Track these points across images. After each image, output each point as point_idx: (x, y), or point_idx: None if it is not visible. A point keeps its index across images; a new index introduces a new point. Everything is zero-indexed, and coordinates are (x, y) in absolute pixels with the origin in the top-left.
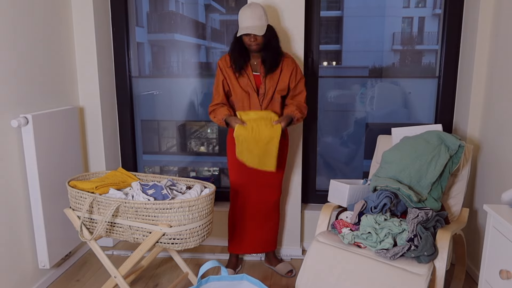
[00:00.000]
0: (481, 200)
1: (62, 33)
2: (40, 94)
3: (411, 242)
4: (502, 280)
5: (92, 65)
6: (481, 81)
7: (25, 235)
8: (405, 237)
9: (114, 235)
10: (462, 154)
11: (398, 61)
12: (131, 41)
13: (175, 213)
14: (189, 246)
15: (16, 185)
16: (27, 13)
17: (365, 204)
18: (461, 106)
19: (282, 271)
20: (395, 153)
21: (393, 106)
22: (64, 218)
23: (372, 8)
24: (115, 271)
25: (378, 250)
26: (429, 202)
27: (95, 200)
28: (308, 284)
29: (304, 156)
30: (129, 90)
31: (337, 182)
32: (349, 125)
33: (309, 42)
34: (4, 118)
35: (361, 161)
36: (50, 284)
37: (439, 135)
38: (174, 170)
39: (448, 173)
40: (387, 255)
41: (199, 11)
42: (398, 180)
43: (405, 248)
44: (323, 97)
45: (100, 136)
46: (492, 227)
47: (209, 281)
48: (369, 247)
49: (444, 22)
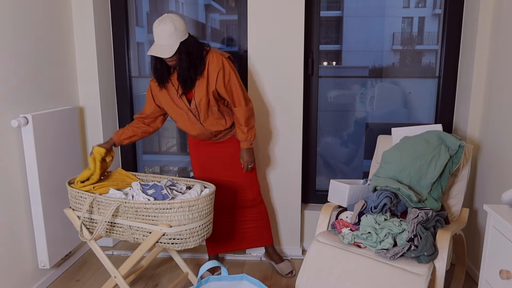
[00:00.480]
0: (481, 200)
1: (62, 33)
2: (40, 94)
3: (411, 242)
4: (502, 280)
5: (92, 65)
6: (481, 81)
7: (25, 235)
8: (405, 237)
9: (114, 235)
10: (462, 154)
11: (398, 61)
12: (131, 41)
13: (175, 213)
14: (189, 246)
15: (16, 185)
16: (27, 13)
17: (365, 204)
18: (461, 106)
19: (283, 271)
20: (395, 153)
21: (393, 106)
22: (64, 218)
23: (372, 8)
24: (115, 271)
25: (378, 250)
26: (429, 202)
27: (95, 200)
28: (308, 284)
29: (304, 156)
30: (129, 90)
31: (337, 182)
32: (349, 125)
33: (309, 42)
34: (4, 118)
35: (361, 161)
36: (50, 284)
37: (439, 135)
38: (174, 170)
39: (448, 173)
40: (387, 255)
41: (199, 11)
42: (398, 180)
43: (405, 248)
44: (323, 97)
45: (100, 136)
46: (492, 227)
47: (209, 281)
48: (369, 247)
49: (444, 22)
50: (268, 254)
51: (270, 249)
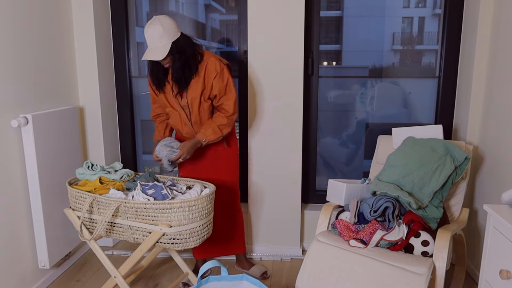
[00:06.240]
0: (481, 200)
1: (62, 33)
2: (40, 94)
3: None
4: (502, 280)
5: (92, 65)
6: (481, 81)
7: (25, 235)
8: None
9: (114, 235)
10: (466, 166)
11: (398, 61)
12: (131, 41)
13: (175, 213)
14: (189, 246)
15: (16, 185)
16: (27, 13)
17: (358, 202)
18: (461, 106)
19: (256, 273)
20: (401, 157)
21: (393, 106)
22: (64, 218)
23: (372, 8)
24: (115, 271)
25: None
26: (429, 209)
27: (95, 200)
28: (308, 284)
29: (304, 156)
30: (129, 90)
31: (334, 181)
32: (349, 125)
33: (309, 42)
34: (4, 118)
35: (361, 161)
36: (50, 284)
37: (446, 144)
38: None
39: (450, 184)
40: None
41: (199, 11)
42: (400, 185)
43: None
44: (323, 97)
45: (100, 136)
46: (492, 227)
47: (209, 281)
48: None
49: (444, 22)
50: (240, 261)
51: (242, 256)
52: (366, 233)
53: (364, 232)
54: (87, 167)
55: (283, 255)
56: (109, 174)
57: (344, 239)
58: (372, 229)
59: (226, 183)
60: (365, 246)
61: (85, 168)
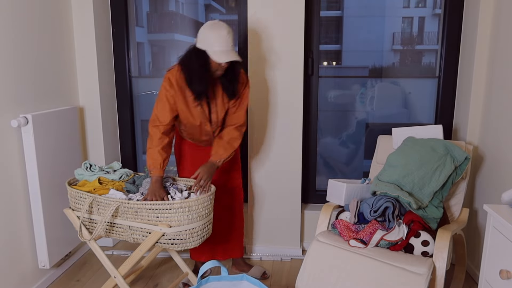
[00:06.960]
0: (481, 200)
1: (62, 33)
2: (40, 94)
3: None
4: (502, 280)
5: (92, 65)
6: (481, 81)
7: (25, 235)
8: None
9: (114, 235)
10: (466, 166)
11: (398, 61)
12: (131, 41)
13: (175, 213)
14: (189, 246)
15: (16, 185)
16: (27, 13)
17: (358, 202)
18: (461, 106)
19: (256, 275)
20: (401, 158)
21: (393, 106)
22: (64, 218)
23: (372, 8)
24: (115, 271)
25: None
26: (429, 209)
27: (95, 201)
28: (308, 284)
29: (304, 156)
30: (129, 90)
31: (334, 181)
32: (349, 125)
33: (309, 42)
34: (4, 118)
35: (361, 161)
36: (50, 284)
37: (446, 145)
38: (174, 170)
39: (450, 184)
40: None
41: (199, 11)
42: (400, 185)
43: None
44: (323, 97)
45: (100, 136)
46: (492, 227)
47: (209, 281)
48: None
49: (444, 22)
50: (238, 265)
51: (240, 260)
52: (366, 233)
53: (364, 232)
54: (85, 167)
55: (283, 255)
56: (108, 174)
57: (344, 239)
58: (372, 229)
59: (228, 186)
60: (365, 246)
61: (84, 168)
